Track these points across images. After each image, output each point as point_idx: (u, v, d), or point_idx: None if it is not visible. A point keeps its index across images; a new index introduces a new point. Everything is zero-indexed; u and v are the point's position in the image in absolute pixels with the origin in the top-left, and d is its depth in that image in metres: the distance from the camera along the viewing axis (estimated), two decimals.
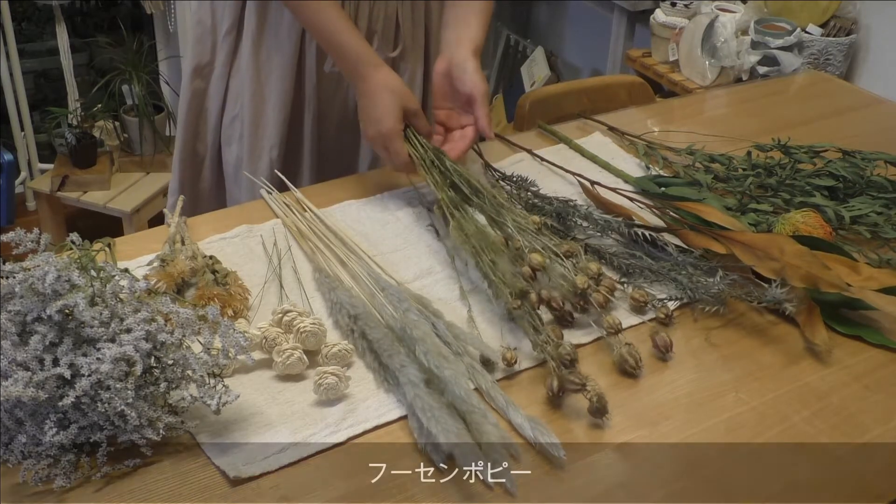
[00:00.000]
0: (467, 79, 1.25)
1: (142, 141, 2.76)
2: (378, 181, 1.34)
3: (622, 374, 0.99)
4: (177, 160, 1.51)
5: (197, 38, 1.44)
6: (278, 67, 1.38)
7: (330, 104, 1.45)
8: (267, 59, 1.39)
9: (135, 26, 3.23)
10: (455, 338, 0.99)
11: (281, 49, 1.37)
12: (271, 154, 1.42)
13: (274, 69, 1.39)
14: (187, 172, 1.51)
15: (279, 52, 1.38)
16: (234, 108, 1.44)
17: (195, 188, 1.51)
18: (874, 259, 1.19)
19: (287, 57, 1.38)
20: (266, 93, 1.40)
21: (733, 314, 1.09)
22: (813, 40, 2.38)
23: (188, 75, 1.45)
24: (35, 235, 0.89)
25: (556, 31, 3.48)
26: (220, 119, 1.46)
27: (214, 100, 1.45)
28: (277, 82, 1.39)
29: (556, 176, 1.36)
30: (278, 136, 1.42)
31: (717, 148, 1.43)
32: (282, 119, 1.41)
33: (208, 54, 1.43)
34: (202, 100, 1.46)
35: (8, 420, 0.82)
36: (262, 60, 1.39)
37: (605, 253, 1.15)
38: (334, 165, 1.49)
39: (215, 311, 0.87)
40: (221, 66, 1.42)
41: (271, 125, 1.41)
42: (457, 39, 1.28)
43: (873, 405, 0.98)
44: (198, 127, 1.48)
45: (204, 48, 1.43)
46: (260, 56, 1.39)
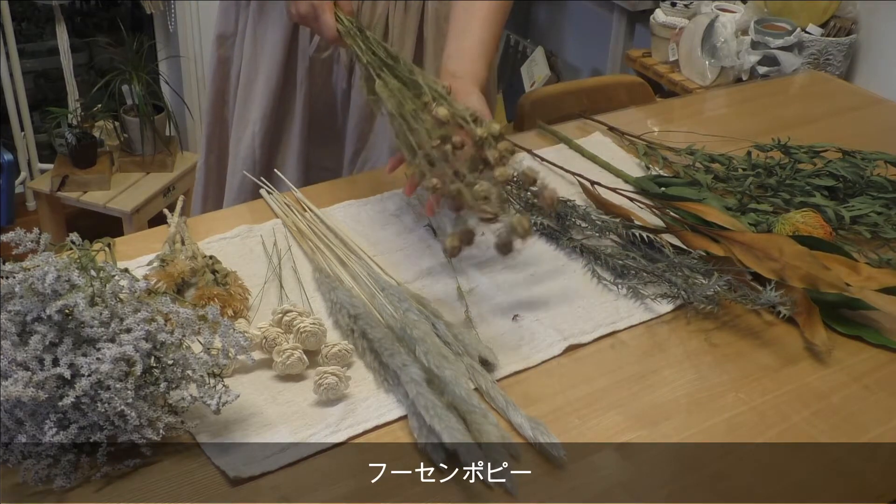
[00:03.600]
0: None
1: (142, 141, 2.76)
2: (378, 181, 1.34)
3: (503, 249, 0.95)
4: (205, 125, 1.56)
5: (223, 7, 1.48)
6: (272, 42, 1.43)
7: (320, 89, 1.47)
8: (263, 31, 1.44)
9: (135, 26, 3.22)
10: (455, 338, 0.99)
11: (276, 26, 1.41)
12: (254, 127, 1.47)
13: (268, 42, 1.43)
14: (214, 139, 1.56)
15: (274, 28, 1.42)
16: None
17: (223, 155, 1.56)
18: (874, 259, 1.19)
19: (280, 34, 1.41)
20: (258, 66, 1.45)
21: (733, 314, 1.10)
22: (813, 40, 2.38)
23: (213, 43, 1.51)
24: (35, 235, 0.89)
25: (556, 31, 3.48)
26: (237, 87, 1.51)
27: (236, 67, 1.50)
28: (269, 57, 1.43)
29: (556, 176, 1.37)
30: (263, 110, 1.46)
31: (717, 148, 1.43)
32: (268, 92, 1.44)
33: (232, 24, 1.48)
34: (227, 67, 1.51)
35: (8, 420, 0.82)
36: (260, 32, 1.44)
37: (601, 253, 1.15)
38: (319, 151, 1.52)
39: (215, 311, 0.87)
40: (241, 36, 1.47)
41: (258, 97, 1.45)
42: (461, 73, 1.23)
43: (873, 405, 0.98)
44: (225, 94, 1.54)
45: (228, 18, 1.48)
46: (258, 28, 1.44)
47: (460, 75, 1.22)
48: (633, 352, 1.04)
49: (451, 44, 1.28)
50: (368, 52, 1.15)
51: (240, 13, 1.47)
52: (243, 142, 1.48)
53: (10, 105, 2.89)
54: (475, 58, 1.24)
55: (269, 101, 1.45)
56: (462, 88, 1.19)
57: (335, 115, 1.51)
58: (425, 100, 1.05)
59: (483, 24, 1.26)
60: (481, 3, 1.27)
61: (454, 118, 1.01)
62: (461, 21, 1.28)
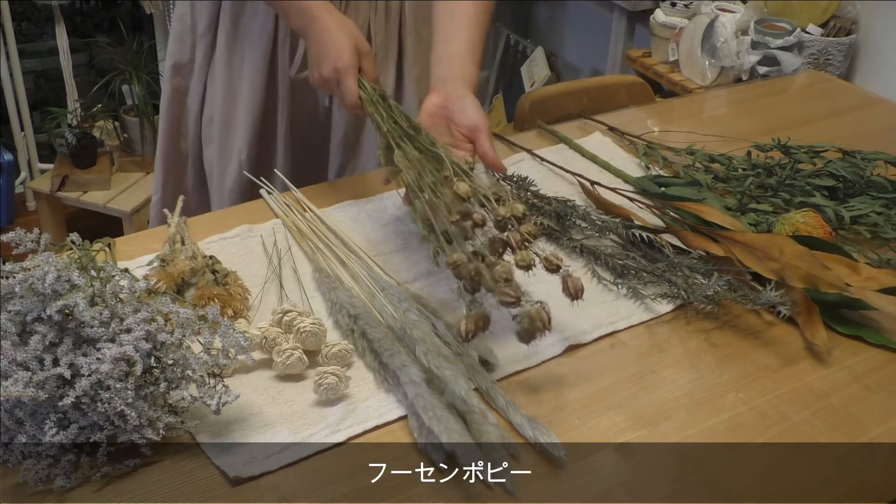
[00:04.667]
0: (464, 117, 1.18)
1: (142, 141, 2.76)
2: (378, 182, 1.34)
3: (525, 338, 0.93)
4: (159, 158, 1.50)
5: (177, 35, 1.43)
6: (250, 70, 1.38)
7: (302, 108, 1.44)
8: (240, 61, 1.38)
9: (135, 26, 3.22)
10: (455, 338, 0.99)
11: (253, 51, 1.37)
12: (241, 156, 1.42)
13: (245, 71, 1.38)
14: (171, 171, 1.51)
15: (251, 53, 1.37)
16: (210, 109, 1.43)
17: (179, 187, 1.51)
18: (874, 259, 1.19)
19: (259, 59, 1.37)
20: (237, 95, 1.40)
21: (733, 314, 1.10)
22: (813, 40, 2.38)
23: (168, 73, 1.45)
24: (35, 235, 0.89)
25: (556, 31, 3.48)
26: (198, 118, 1.46)
27: (195, 99, 1.45)
28: (249, 85, 1.39)
29: (556, 176, 1.37)
30: (248, 138, 1.41)
31: (717, 148, 1.43)
32: (251, 121, 1.41)
33: (188, 52, 1.43)
34: (183, 98, 1.46)
35: (8, 420, 0.82)
36: (235, 62, 1.39)
37: (601, 254, 1.15)
38: (305, 169, 1.49)
39: (215, 311, 0.87)
40: (199, 66, 1.42)
41: (241, 127, 1.41)
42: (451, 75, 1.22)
43: (873, 405, 0.98)
44: (180, 125, 1.48)
45: (183, 46, 1.43)
46: (234, 58, 1.39)
47: (450, 79, 1.20)
48: (632, 352, 1.04)
49: (438, 47, 1.25)
50: (389, 121, 1.13)
51: (196, 42, 1.41)
52: (229, 174, 1.43)
53: (10, 105, 2.89)
54: (463, 59, 1.22)
55: (253, 127, 1.41)
56: (454, 93, 1.18)
57: (319, 132, 1.48)
58: (445, 173, 1.03)
59: (469, 26, 1.24)
60: (465, 4, 1.25)
61: (476, 195, 0.99)
62: (446, 24, 1.26)
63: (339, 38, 1.20)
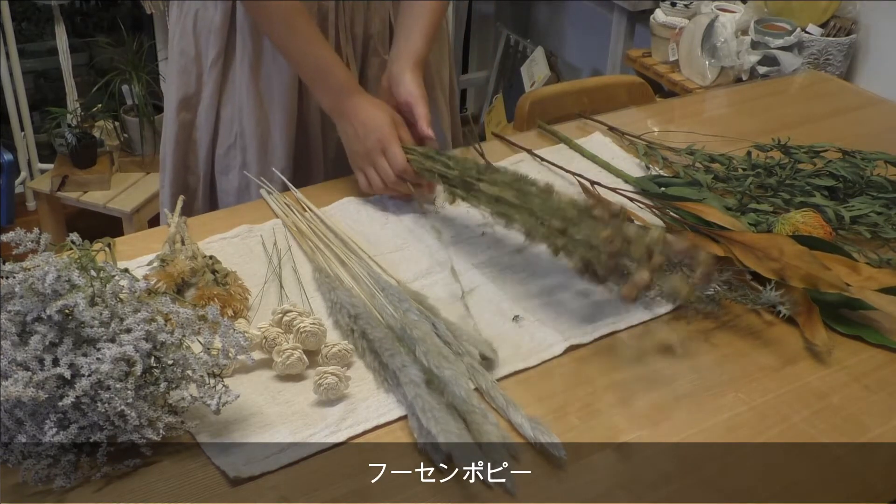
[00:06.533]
0: (402, 89, 1.27)
1: (142, 141, 2.75)
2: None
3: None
4: (164, 197, 1.47)
5: (181, 68, 1.40)
6: (280, 91, 1.36)
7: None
8: (267, 84, 1.37)
9: (135, 26, 3.22)
10: (455, 337, 0.99)
11: (281, 72, 1.36)
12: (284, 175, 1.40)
13: (276, 93, 1.37)
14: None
15: (279, 74, 1.36)
16: (229, 137, 1.41)
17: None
18: (874, 259, 1.19)
19: (288, 79, 1.36)
20: (270, 117, 1.38)
21: (733, 314, 1.10)
22: (813, 40, 2.38)
23: (173, 108, 1.42)
24: (35, 235, 0.89)
25: (556, 31, 3.48)
26: (211, 150, 1.43)
27: (204, 131, 1.42)
28: (281, 106, 1.37)
29: (556, 176, 1.37)
30: (287, 158, 1.40)
31: (717, 148, 1.43)
32: (289, 140, 1.39)
33: (194, 85, 1.40)
34: (190, 131, 1.44)
35: (8, 420, 0.82)
36: (263, 86, 1.37)
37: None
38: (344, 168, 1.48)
39: (215, 311, 0.87)
40: (210, 96, 1.39)
41: (279, 148, 1.39)
42: (397, 54, 1.31)
43: (873, 405, 0.98)
44: (187, 160, 1.46)
45: (189, 79, 1.40)
46: (260, 82, 1.37)
47: (394, 60, 1.29)
48: (632, 352, 1.04)
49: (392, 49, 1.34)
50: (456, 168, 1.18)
51: (204, 71, 1.39)
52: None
53: (10, 105, 2.89)
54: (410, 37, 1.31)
55: (290, 147, 1.40)
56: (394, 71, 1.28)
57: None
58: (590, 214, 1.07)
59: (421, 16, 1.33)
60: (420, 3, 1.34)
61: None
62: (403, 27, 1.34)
63: (377, 114, 1.26)
